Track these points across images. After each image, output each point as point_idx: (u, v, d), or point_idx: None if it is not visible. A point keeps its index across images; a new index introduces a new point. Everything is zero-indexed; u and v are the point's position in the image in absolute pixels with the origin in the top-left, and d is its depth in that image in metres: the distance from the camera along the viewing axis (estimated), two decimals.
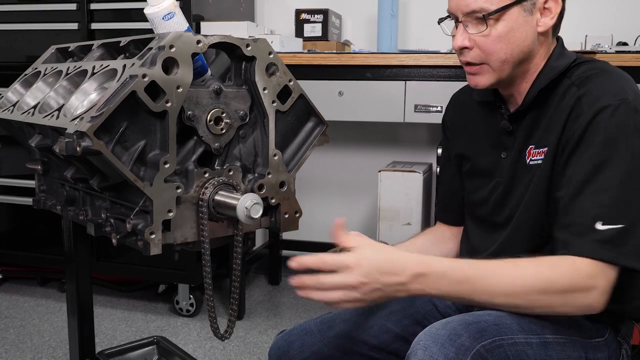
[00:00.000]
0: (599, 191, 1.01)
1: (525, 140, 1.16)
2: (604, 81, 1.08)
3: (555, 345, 1.04)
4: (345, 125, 2.88)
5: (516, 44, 1.11)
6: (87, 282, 1.39)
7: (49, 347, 2.33)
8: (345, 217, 1.07)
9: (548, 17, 1.12)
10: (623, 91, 1.05)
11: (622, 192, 1.01)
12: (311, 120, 1.13)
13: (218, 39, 1.00)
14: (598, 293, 0.99)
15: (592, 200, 1.01)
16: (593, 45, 2.21)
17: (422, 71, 2.23)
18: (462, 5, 1.11)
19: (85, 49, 1.27)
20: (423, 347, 0.95)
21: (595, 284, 0.99)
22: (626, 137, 1.02)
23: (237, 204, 0.95)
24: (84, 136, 0.87)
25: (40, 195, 1.31)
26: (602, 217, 1.00)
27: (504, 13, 1.09)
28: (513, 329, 1.01)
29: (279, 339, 1.29)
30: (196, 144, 1.01)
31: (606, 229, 0.99)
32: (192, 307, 2.60)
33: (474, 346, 0.95)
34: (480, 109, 1.28)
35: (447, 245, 1.38)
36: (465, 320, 0.99)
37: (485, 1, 1.08)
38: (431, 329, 0.98)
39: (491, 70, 1.13)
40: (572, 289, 0.99)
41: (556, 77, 1.13)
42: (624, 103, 1.03)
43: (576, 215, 1.02)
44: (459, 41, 1.13)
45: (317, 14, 2.69)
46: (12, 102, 1.27)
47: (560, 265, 1.00)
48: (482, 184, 1.25)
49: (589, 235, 1.00)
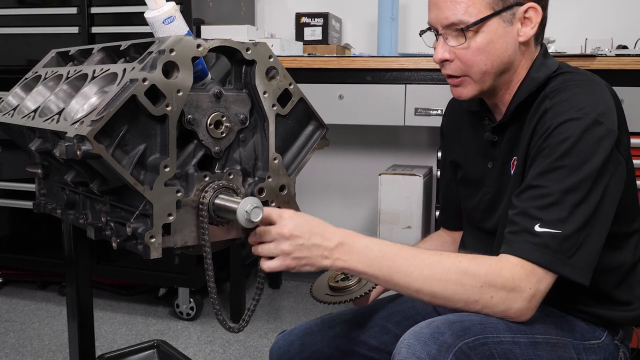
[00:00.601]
0: (543, 196, 1.01)
1: (509, 151, 1.16)
2: (572, 94, 1.06)
3: (544, 345, 1.03)
4: (345, 129, 2.88)
5: (496, 55, 1.10)
6: (87, 285, 1.39)
7: (49, 351, 2.32)
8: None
9: (529, 27, 1.11)
10: (588, 105, 1.03)
11: (565, 199, 0.99)
12: (311, 123, 1.13)
13: (218, 43, 1.00)
14: (521, 297, 0.98)
15: (534, 202, 1.01)
16: (593, 49, 2.21)
17: (422, 74, 2.23)
18: (441, 18, 1.11)
19: (85, 52, 1.27)
20: (407, 345, 0.95)
21: (518, 286, 0.98)
22: (581, 149, 1.01)
23: (237, 208, 0.95)
24: (84, 140, 0.87)
25: (40, 199, 1.31)
26: (540, 220, 0.99)
27: (483, 25, 1.08)
28: (499, 328, 1.00)
29: (279, 339, 1.30)
30: (196, 148, 1.01)
31: (543, 231, 0.98)
32: (193, 311, 2.60)
33: (457, 343, 0.95)
34: (470, 117, 1.28)
35: (447, 250, 1.38)
36: (449, 319, 1.00)
37: (464, 13, 1.08)
38: (415, 328, 0.99)
39: (472, 82, 1.13)
40: (490, 284, 0.98)
41: (535, 89, 1.12)
42: (585, 117, 1.02)
43: (518, 216, 1.02)
44: (439, 54, 1.13)
45: (317, 18, 2.70)
46: (12, 106, 1.28)
47: (484, 260, 1.00)
48: (473, 192, 1.26)
49: (525, 236, 0.99)
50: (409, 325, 1.26)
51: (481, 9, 1.08)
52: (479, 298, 0.98)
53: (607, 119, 1.04)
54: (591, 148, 1.01)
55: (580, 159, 1.00)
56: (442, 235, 1.43)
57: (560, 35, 2.40)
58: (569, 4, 2.65)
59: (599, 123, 1.02)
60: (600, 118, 1.02)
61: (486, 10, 1.08)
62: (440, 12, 1.11)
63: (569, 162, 1.00)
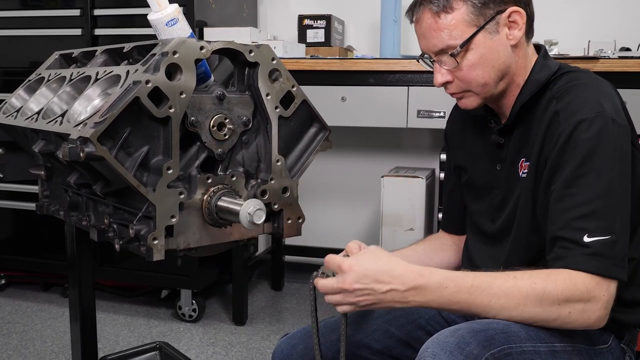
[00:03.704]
0: (580, 205, 1.01)
1: (516, 153, 1.17)
2: (581, 94, 1.08)
3: (562, 354, 1.04)
4: (348, 131, 2.88)
5: (491, 65, 1.12)
6: (89, 287, 1.39)
7: (52, 353, 2.33)
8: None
9: (516, 30, 1.12)
10: (599, 104, 1.05)
11: (602, 204, 1.01)
12: (314, 125, 1.13)
13: (221, 45, 1.00)
14: (598, 306, 0.99)
15: (573, 213, 1.01)
16: (596, 51, 2.21)
17: (425, 77, 2.23)
18: (430, 47, 1.14)
19: (88, 54, 1.27)
20: (431, 354, 0.94)
21: (593, 296, 0.98)
22: (603, 148, 1.02)
23: (240, 210, 0.95)
24: (87, 142, 0.87)
25: (43, 200, 1.31)
26: (587, 230, 1.00)
27: (470, 43, 1.10)
28: (521, 337, 1.00)
29: (282, 342, 1.30)
30: (199, 150, 1.01)
31: (592, 240, 0.99)
32: (195, 313, 2.60)
33: (483, 354, 0.95)
34: (474, 121, 1.29)
35: (447, 253, 1.39)
36: (474, 328, 0.99)
37: (449, 38, 1.10)
38: (439, 336, 0.98)
39: (475, 94, 1.16)
40: (567, 300, 0.98)
41: (538, 90, 1.13)
42: (599, 115, 1.03)
43: (562, 230, 1.02)
44: (438, 79, 1.16)
45: (320, 20, 2.70)
46: (15, 107, 1.28)
47: (555, 277, 1.00)
48: (481, 195, 1.26)
49: (576, 249, 1.00)
50: (412, 328, 1.27)
51: (464, 29, 1.09)
52: (558, 316, 0.99)
53: (619, 116, 1.06)
54: (612, 147, 1.02)
55: (604, 160, 1.02)
56: (442, 237, 1.43)
57: (563, 37, 2.39)
58: (572, 6, 2.64)
59: (613, 120, 1.04)
60: (613, 115, 1.04)
61: (469, 29, 1.09)
62: (427, 42, 1.13)
63: (596, 166, 1.02)
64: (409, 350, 1.26)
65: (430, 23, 1.11)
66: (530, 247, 1.14)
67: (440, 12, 1.09)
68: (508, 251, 1.17)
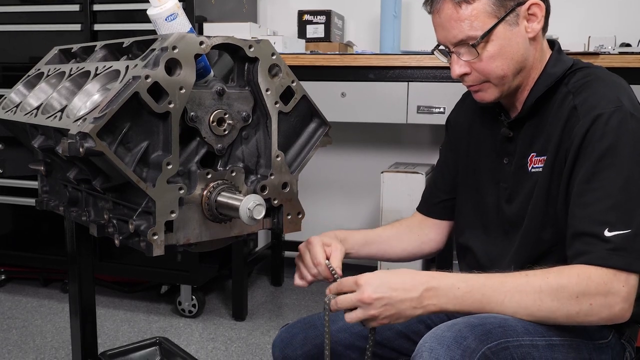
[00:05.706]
0: (601, 199, 1.01)
1: (527, 147, 1.17)
2: (598, 89, 1.08)
3: (561, 348, 1.04)
4: (347, 127, 2.88)
5: (510, 57, 1.12)
6: (89, 282, 1.39)
7: (52, 348, 2.33)
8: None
9: (535, 22, 1.12)
10: (617, 98, 1.05)
11: (624, 198, 1.01)
12: (314, 121, 1.13)
13: (221, 40, 1.00)
14: (618, 299, 0.98)
15: (595, 207, 1.01)
16: (596, 47, 2.20)
17: (424, 72, 2.23)
18: (449, 38, 1.13)
19: (88, 50, 1.27)
20: (429, 349, 0.95)
21: (611, 288, 0.98)
22: (623, 142, 1.03)
23: (239, 205, 0.95)
24: (86, 137, 0.87)
25: (43, 196, 1.31)
26: (608, 224, 1.00)
27: (490, 34, 1.10)
28: (518, 331, 1.01)
29: (282, 331, 1.32)
30: (199, 145, 1.01)
31: (613, 235, 0.99)
32: (195, 308, 2.61)
33: (480, 348, 0.95)
34: (482, 114, 1.29)
35: (423, 231, 1.38)
36: (471, 322, 0.99)
37: (470, 29, 1.09)
38: (437, 330, 0.98)
39: (493, 85, 1.15)
40: (584, 294, 0.98)
41: (553, 84, 1.14)
42: (618, 109, 1.04)
43: (583, 225, 1.02)
44: (456, 70, 1.15)
45: (319, 15, 2.69)
46: (15, 103, 1.28)
47: (568, 272, 1.00)
48: (486, 189, 1.25)
49: (598, 244, 1.00)
50: (413, 321, 1.27)
51: (485, 20, 1.09)
52: (579, 309, 0.98)
53: (637, 110, 1.06)
54: (631, 141, 1.03)
55: (623, 153, 1.02)
56: (419, 218, 1.40)
57: (563, 33, 2.39)
58: (572, 1, 2.64)
59: (631, 114, 1.04)
60: (631, 109, 1.05)
61: (490, 20, 1.09)
62: (447, 33, 1.13)
63: (615, 160, 1.02)
64: (409, 343, 1.26)
65: (450, 13, 1.10)
66: (540, 241, 1.13)
67: (462, 2, 1.09)
68: (518, 244, 1.16)
